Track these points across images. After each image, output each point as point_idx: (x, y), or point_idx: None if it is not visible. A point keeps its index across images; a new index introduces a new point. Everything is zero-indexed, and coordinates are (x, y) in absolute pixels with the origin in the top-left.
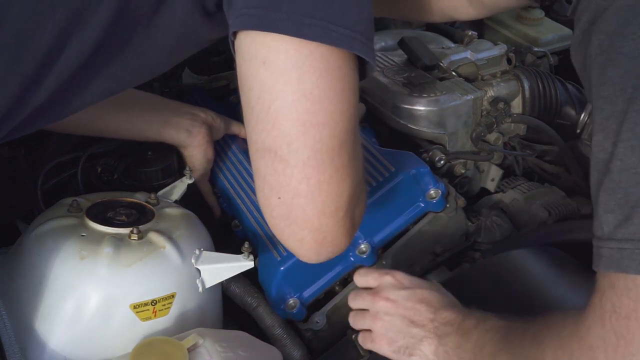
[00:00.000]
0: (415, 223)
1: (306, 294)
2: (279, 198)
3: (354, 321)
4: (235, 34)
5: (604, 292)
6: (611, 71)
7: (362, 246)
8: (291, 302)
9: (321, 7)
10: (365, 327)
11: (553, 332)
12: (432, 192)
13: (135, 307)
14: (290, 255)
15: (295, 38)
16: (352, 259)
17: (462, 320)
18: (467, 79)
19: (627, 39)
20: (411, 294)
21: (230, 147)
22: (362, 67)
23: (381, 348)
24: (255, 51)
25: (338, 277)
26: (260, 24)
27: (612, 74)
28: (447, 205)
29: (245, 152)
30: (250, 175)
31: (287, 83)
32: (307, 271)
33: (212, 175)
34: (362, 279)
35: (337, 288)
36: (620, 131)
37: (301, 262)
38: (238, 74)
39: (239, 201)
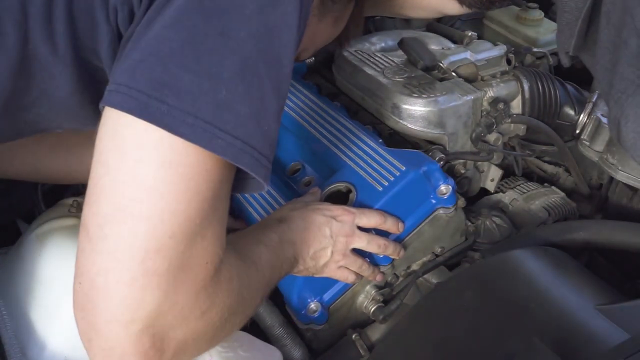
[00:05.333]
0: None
1: (326, 296)
2: (80, 284)
3: None
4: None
5: None
6: None
7: None
8: (312, 306)
9: (212, 109)
10: None
11: None
12: (442, 188)
13: None
14: None
15: (169, 133)
16: (368, 259)
17: None
18: (467, 80)
19: None
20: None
21: None
22: (252, 180)
23: None
24: (119, 130)
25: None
26: (137, 109)
27: None
28: (458, 201)
29: None
30: None
31: (122, 161)
32: None
33: None
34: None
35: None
36: None
37: None
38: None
39: (250, 209)
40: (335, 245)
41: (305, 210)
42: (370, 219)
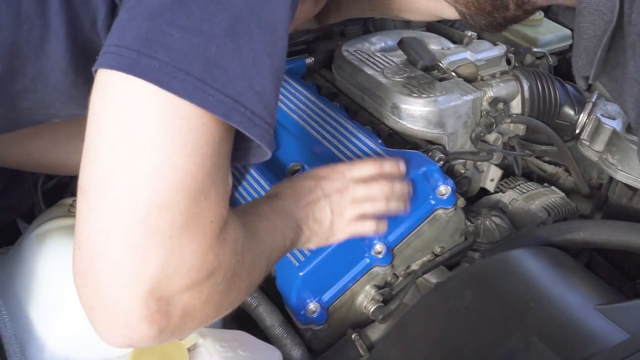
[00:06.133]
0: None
1: (325, 297)
2: (79, 249)
3: None
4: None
5: None
6: None
7: (377, 246)
8: (312, 306)
9: (203, 66)
10: None
11: None
12: (442, 188)
13: None
14: (309, 260)
15: (161, 89)
16: (367, 259)
17: None
18: (467, 80)
19: None
20: None
21: None
22: (256, 149)
23: None
24: (111, 88)
25: (356, 279)
26: (127, 66)
27: None
28: (457, 201)
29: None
30: (263, 188)
31: (116, 117)
32: (326, 275)
33: None
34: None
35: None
36: None
37: (320, 266)
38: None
39: None
40: (331, 202)
41: (292, 181)
42: (364, 169)
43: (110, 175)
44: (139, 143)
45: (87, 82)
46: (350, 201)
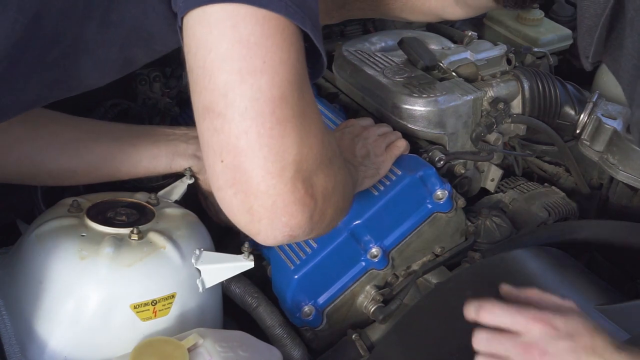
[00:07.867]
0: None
1: (321, 300)
2: (222, 161)
3: None
4: (182, 18)
5: None
6: None
7: (374, 250)
8: (307, 309)
9: None
10: None
11: None
12: (439, 193)
13: (135, 307)
14: (304, 263)
15: (254, 7)
16: (363, 263)
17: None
18: (467, 80)
19: None
20: (574, 345)
21: None
22: (314, 63)
23: None
24: (212, 18)
25: (352, 282)
26: None
27: None
28: (454, 205)
29: None
30: None
31: (221, 32)
32: (322, 278)
33: None
34: (492, 317)
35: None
36: None
37: (315, 269)
38: (184, 49)
39: None
40: (364, 140)
41: None
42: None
43: (234, 82)
44: (248, 46)
45: (113, 44)
46: (377, 136)
